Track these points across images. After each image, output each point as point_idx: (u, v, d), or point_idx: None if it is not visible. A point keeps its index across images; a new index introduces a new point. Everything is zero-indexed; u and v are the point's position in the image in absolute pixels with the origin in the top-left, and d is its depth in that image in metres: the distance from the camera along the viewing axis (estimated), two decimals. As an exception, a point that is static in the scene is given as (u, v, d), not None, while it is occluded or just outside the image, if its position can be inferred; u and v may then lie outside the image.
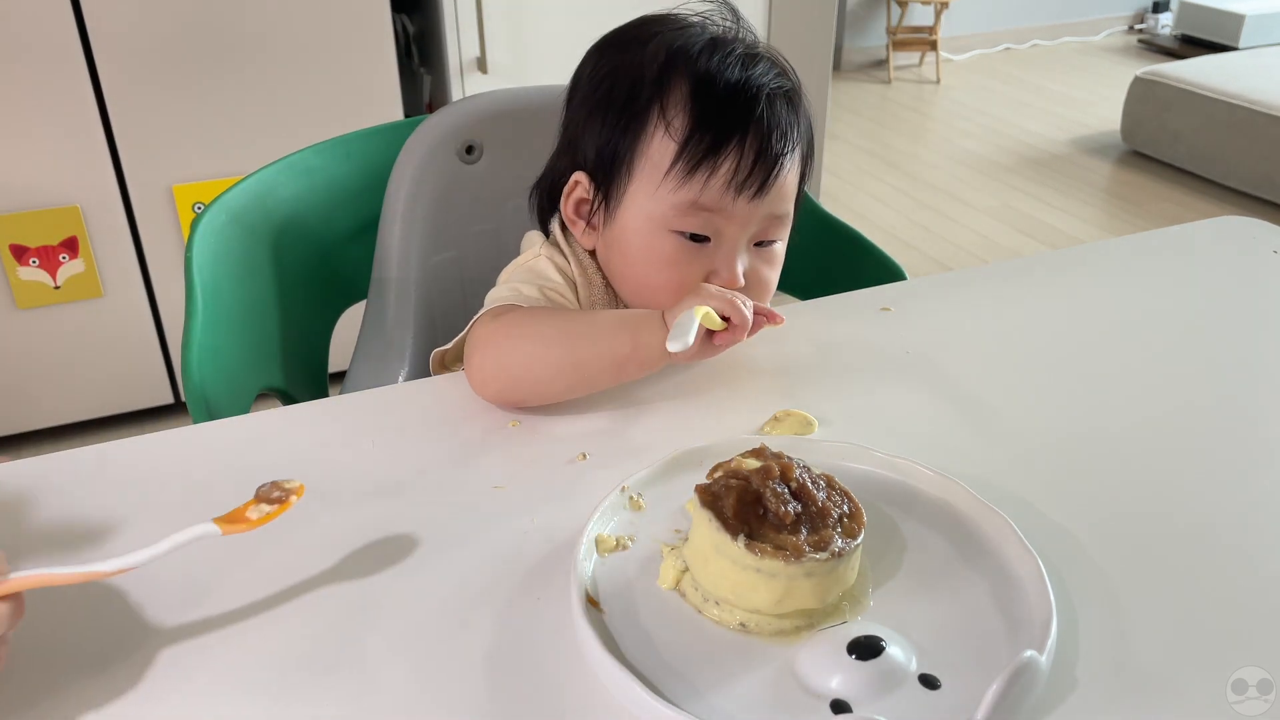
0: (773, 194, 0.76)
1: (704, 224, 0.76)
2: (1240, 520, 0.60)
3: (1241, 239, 0.96)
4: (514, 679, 0.49)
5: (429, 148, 1.02)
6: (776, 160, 0.75)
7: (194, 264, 0.89)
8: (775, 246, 0.80)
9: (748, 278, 0.78)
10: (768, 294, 0.80)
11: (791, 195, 0.79)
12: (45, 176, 1.71)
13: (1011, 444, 0.67)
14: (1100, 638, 0.51)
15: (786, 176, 0.77)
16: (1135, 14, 5.04)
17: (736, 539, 0.50)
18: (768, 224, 0.78)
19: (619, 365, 0.70)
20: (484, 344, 0.73)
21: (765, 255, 0.79)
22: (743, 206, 0.75)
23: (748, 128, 0.74)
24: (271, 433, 0.69)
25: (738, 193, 0.75)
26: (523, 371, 0.71)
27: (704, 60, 0.76)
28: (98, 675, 0.49)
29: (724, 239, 0.77)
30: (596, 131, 0.79)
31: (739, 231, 0.76)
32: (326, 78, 1.81)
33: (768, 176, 0.75)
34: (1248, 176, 3.09)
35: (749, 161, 0.74)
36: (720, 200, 0.75)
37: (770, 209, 0.77)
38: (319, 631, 0.52)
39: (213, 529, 0.50)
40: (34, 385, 1.86)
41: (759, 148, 0.75)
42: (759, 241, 0.79)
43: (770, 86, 0.76)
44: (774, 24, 2.22)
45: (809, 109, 0.81)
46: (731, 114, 0.75)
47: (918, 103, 4.06)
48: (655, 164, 0.76)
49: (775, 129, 0.75)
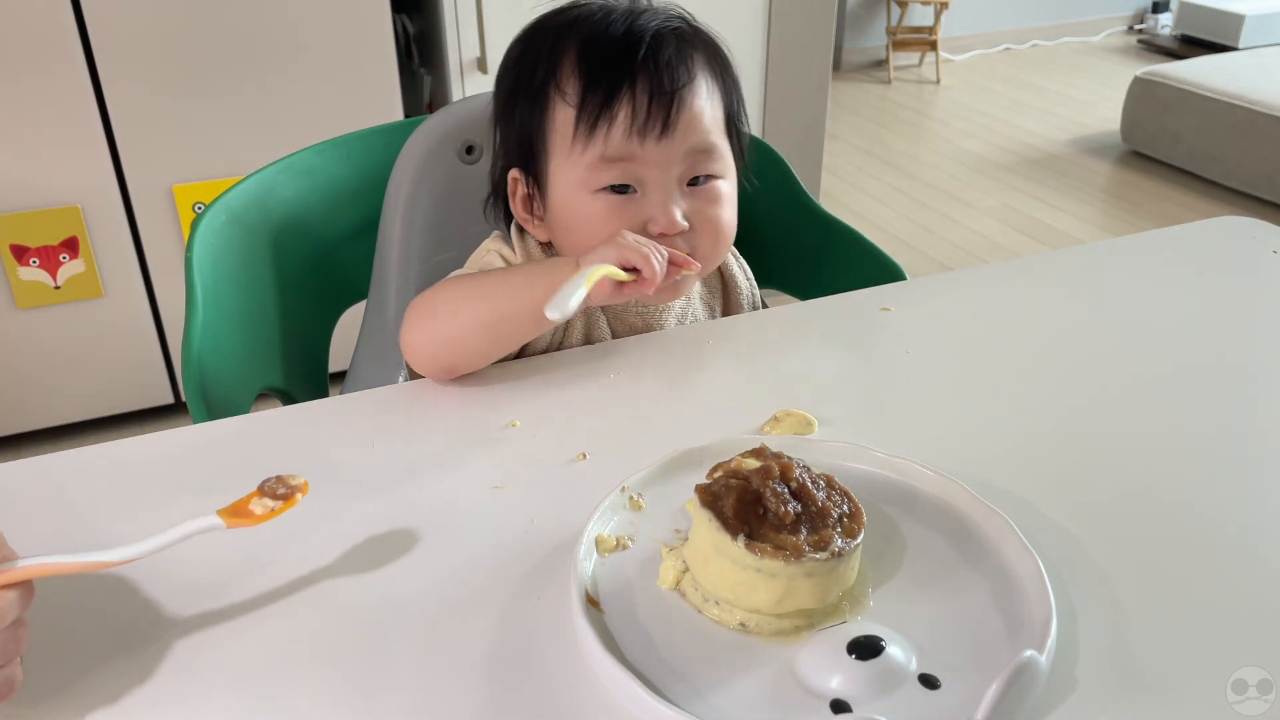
0: (682, 129, 0.76)
1: (621, 174, 0.77)
2: (1240, 520, 0.60)
3: (1241, 239, 0.96)
4: (514, 679, 0.49)
5: (429, 148, 1.02)
6: (672, 95, 0.76)
7: (194, 264, 0.89)
8: (715, 184, 0.80)
9: (692, 220, 0.78)
10: (719, 233, 0.80)
11: (713, 129, 0.79)
12: (45, 176, 1.71)
13: (1012, 444, 0.67)
14: (1100, 638, 0.51)
15: (694, 109, 0.77)
16: (1135, 14, 5.04)
17: (736, 539, 0.50)
18: (692, 161, 0.78)
19: (538, 311, 0.69)
20: (412, 315, 0.75)
21: (704, 194, 0.79)
22: (653, 149, 0.76)
23: (636, 72, 0.76)
24: (271, 432, 0.69)
25: (642, 136, 0.76)
26: (448, 331, 0.73)
27: (588, 26, 0.78)
28: (106, 667, 0.49)
29: (648, 185, 0.77)
30: (512, 123, 0.82)
31: (661, 174, 0.77)
32: (327, 78, 1.81)
33: (668, 113, 0.76)
34: (1248, 176, 3.09)
35: (644, 103, 0.75)
36: (627, 147, 0.76)
37: (686, 145, 0.77)
38: (320, 630, 0.52)
39: (217, 521, 0.50)
40: (34, 385, 1.86)
41: (651, 88, 0.75)
42: (692, 181, 0.79)
43: (654, 29, 0.77)
44: (774, 24, 2.22)
45: (724, 48, 0.82)
46: (618, 63, 0.76)
47: (917, 103, 4.06)
48: (562, 134, 0.78)
49: (666, 67, 0.76)
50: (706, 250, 0.80)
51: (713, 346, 0.79)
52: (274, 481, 0.52)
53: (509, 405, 0.70)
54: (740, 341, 0.80)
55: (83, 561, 0.48)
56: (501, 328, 0.73)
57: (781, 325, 0.83)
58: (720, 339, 0.80)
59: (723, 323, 0.86)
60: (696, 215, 0.78)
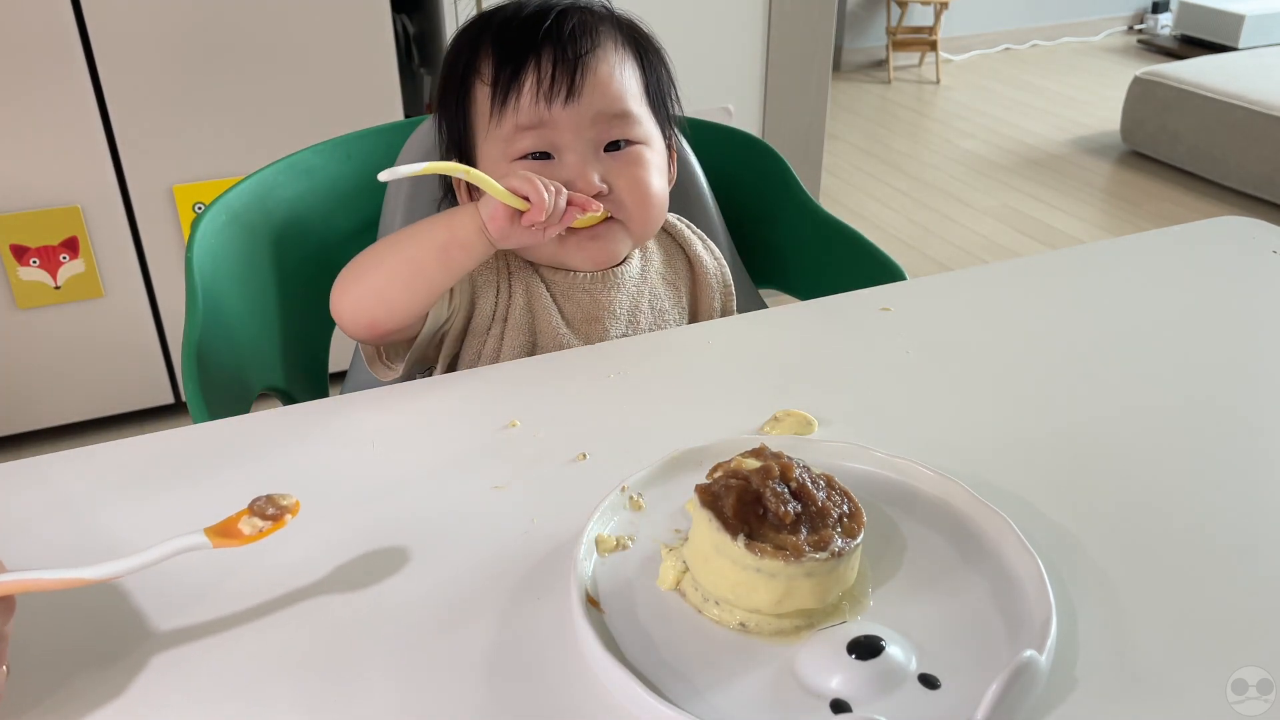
0: (589, 93, 0.80)
1: (536, 141, 0.81)
2: (1240, 520, 0.60)
3: (1241, 239, 0.96)
4: (514, 679, 0.49)
5: (429, 148, 1.02)
6: (577, 60, 0.80)
7: (194, 264, 0.89)
8: (634, 150, 0.83)
9: (612, 182, 0.82)
10: (645, 196, 0.83)
11: (625, 95, 0.82)
12: (45, 176, 1.71)
13: (1012, 444, 0.67)
14: (1100, 638, 0.51)
15: (602, 75, 0.81)
16: (1135, 14, 5.04)
17: (736, 539, 0.50)
18: (605, 126, 0.81)
19: (442, 250, 0.75)
20: (337, 281, 0.78)
21: (625, 158, 0.82)
22: (561, 113, 0.80)
23: (540, 43, 0.80)
24: (271, 433, 0.69)
25: (549, 100, 0.80)
26: (365, 286, 0.77)
27: (502, 16, 0.84)
28: (98, 676, 0.49)
29: (563, 150, 0.81)
30: (446, 123, 0.88)
31: (573, 138, 0.81)
32: (327, 78, 1.81)
33: (573, 76, 0.80)
34: (1248, 176, 3.09)
35: (549, 69, 0.80)
36: (537, 113, 0.80)
37: (595, 108, 0.80)
38: (319, 630, 0.52)
39: (203, 541, 0.49)
40: (34, 385, 1.86)
41: (555, 55, 0.80)
42: (612, 147, 0.82)
43: (561, 7, 0.82)
44: (774, 24, 2.22)
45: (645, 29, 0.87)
46: (525, 38, 0.81)
47: (917, 103, 4.06)
48: (482, 112, 0.83)
49: (570, 37, 0.80)
50: (633, 211, 0.83)
51: (713, 346, 0.79)
52: (264, 501, 0.51)
53: (509, 405, 0.70)
54: (740, 341, 0.80)
55: (64, 578, 0.47)
56: (410, 274, 0.76)
57: (781, 325, 0.83)
58: (720, 339, 0.80)
59: (722, 323, 0.86)
60: (617, 177, 0.82)
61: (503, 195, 0.73)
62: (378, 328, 0.78)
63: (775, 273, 1.14)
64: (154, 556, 0.48)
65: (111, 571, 0.48)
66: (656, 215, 0.85)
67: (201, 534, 0.49)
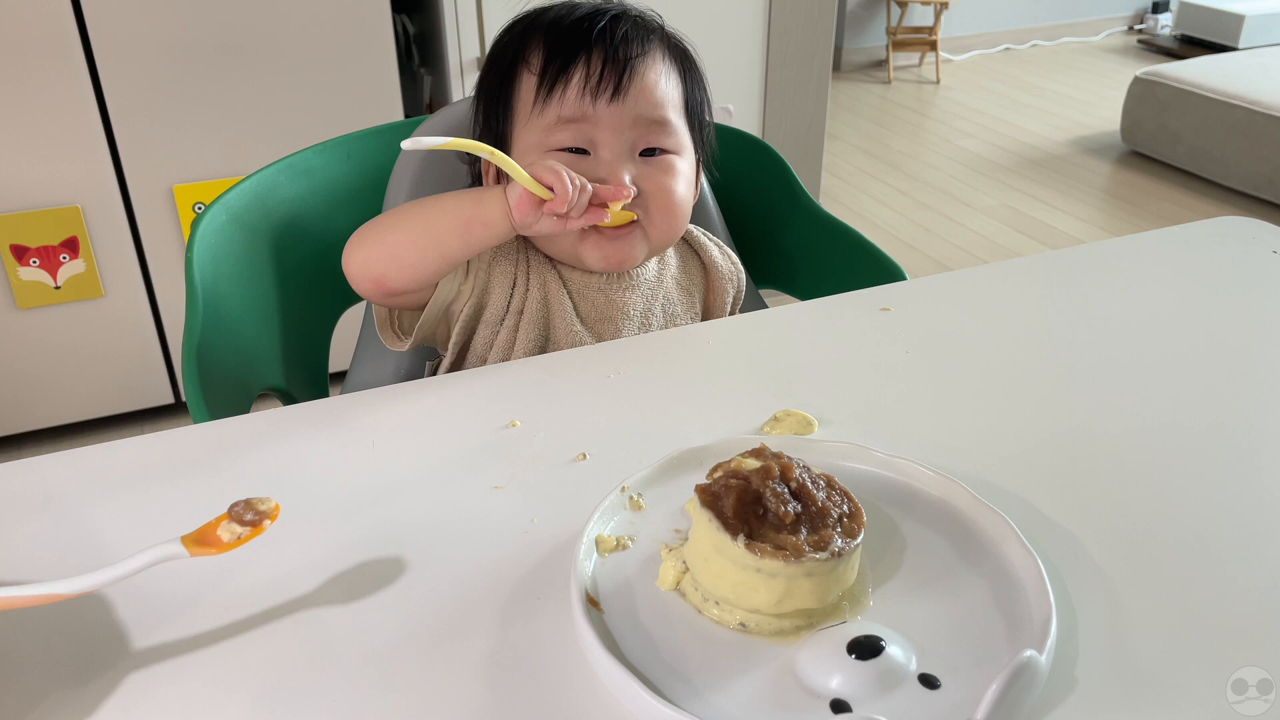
0: (634, 96, 0.82)
1: (575, 136, 0.82)
2: (1240, 520, 0.60)
3: (1241, 239, 0.96)
4: (514, 678, 0.49)
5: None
6: (626, 63, 0.82)
7: (194, 264, 0.89)
8: (668, 158, 0.84)
9: (642, 186, 0.83)
10: (671, 205, 0.84)
11: (666, 104, 0.84)
12: (45, 176, 1.71)
13: (1012, 444, 0.67)
14: (1100, 638, 0.51)
15: (648, 80, 0.83)
16: (1135, 14, 5.04)
17: (736, 539, 0.50)
18: (643, 130, 0.83)
19: (465, 223, 0.77)
20: (356, 233, 0.80)
21: (657, 164, 0.84)
22: (605, 111, 0.81)
23: (594, 42, 0.82)
24: (271, 433, 0.69)
25: (594, 97, 0.81)
26: (381, 240, 0.78)
27: (555, 13, 0.85)
28: (88, 683, 0.49)
29: (600, 148, 0.82)
30: (485, 109, 0.88)
31: (612, 138, 0.82)
32: (327, 78, 1.81)
33: (620, 77, 0.81)
34: (1248, 176, 3.09)
35: (598, 67, 0.81)
36: (580, 108, 0.81)
37: (637, 111, 0.82)
38: (318, 630, 0.52)
39: (180, 550, 0.48)
40: (34, 385, 1.86)
41: (606, 54, 0.81)
42: (647, 152, 0.84)
43: (615, 11, 0.84)
44: (774, 24, 2.22)
45: (691, 49, 0.89)
46: (578, 35, 0.83)
47: (917, 103, 4.06)
48: (525, 101, 0.84)
49: (622, 40, 0.82)
50: (656, 218, 0.84)
51: (713, 346, 0.79)
52: (242, 506, 0.49)
53: (509, 405, 0.70)
54: (740, 341, 0.80)
55: (38, 594, 0.46)
56: (428, 239, 0.78)
57: (781, 325, 0.83)
58: (720, 339, 0.80)
59: (722, 323, 0.86)
60: (647, 181, 0.83)
61: (527, 181, 0.74)
62: (384, 284, 0.79)
63: (775, 273, 1.14)
64: (130, 568, 0.47)
65: (87, 585, 0.47)
66: (678, 225, 0.86)
67: (178, 543, 0.48)
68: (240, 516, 0.49)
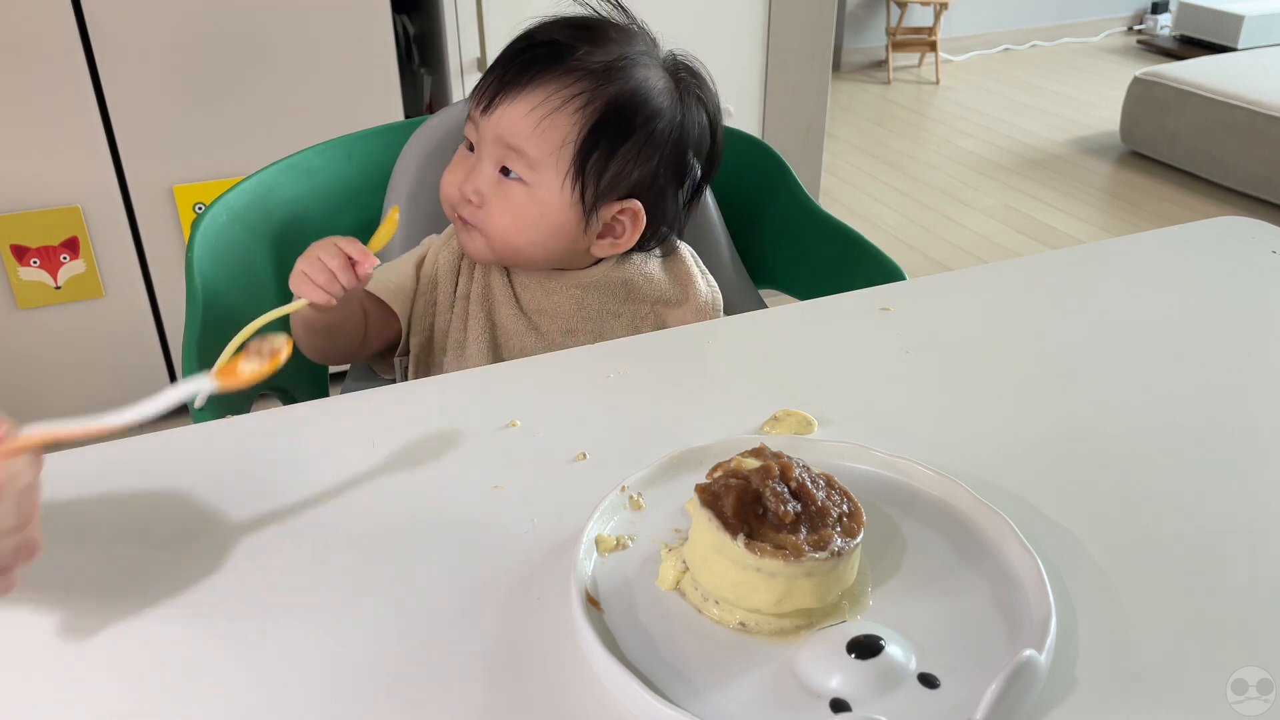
0: (500, 114, 0.86)
1: (469, 131, 0.89)
2: (1240, 520, 0.60)
3: (1241, 239, 0.96)
4: (514, 678, 0.49)
5: (429, 148, 1.02)
6: (511, 84, 0.85)
7: (195, 264, 0.89)
8: (514, 185, 0.87)
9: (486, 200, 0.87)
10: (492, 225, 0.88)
11: (532, 136, 0.85)
12: (46, 176, 1.71)
13: (1012, 444, 0.67)
14: (1100, 638, 0.51)
15: (519, 105, 0.85)
16: (1134, 15, 5.04)
17: (736, 539, 0.50)
18: (502, 151, 0.87)
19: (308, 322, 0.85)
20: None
21: (504, 189, 0.87)
22: (481, 120, 0.87)
23: (504, 60, 0.87)
24: (271, 433, 0.69)
25: (477, 104, 0.87)
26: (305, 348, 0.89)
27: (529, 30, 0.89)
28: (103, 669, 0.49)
29: (479, 152, 0.88)
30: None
31: (484, 146, 0.88)
32: (327, 78, 1.81)
33: (496, 94, 0.86)
34: (1247, 177, 3.09)
35: (493, 79, 0.87)
36: (473, 109, 0.88)
37: (497, 129, 0.86)
38: (317, 630, 0.52)
39: (208, 384, 0.56)
40: (34, 385, 1.86)
41: (503, 73, 0.86)
42: (503, 170, 0.87)
43: (546, 40, 0.87)
44: (774, 24, 2.22)
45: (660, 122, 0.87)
46: (509, 46, 0.88)
47: (917, 103, 4.06)
48: None
49: (522, 65, 0.86)
50: (483, 230, 0.89)
51: (713, 346, 0.79)
52: (258, 342, 0.58)
53: (509, 405, 0.70)
54: (740, 341, 0.80)
55: (85, 428, 0.51)
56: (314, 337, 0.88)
57: (781, 325, 0.83)
58: (720, 339, 0.80)
59: (722, 323, 0.86)
60: (489, 195, 0.88)
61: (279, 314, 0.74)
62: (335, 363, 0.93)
63: (775, 273, 1.15)
64: (166, 401, 0.53)
65: (129, 418, 0.51)
66: (512, 252, 0.89)
67: (209, 378, 0.57)
68: (258, 350, 0.58)
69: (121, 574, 0.55)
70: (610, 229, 0.90)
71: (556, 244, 0.89)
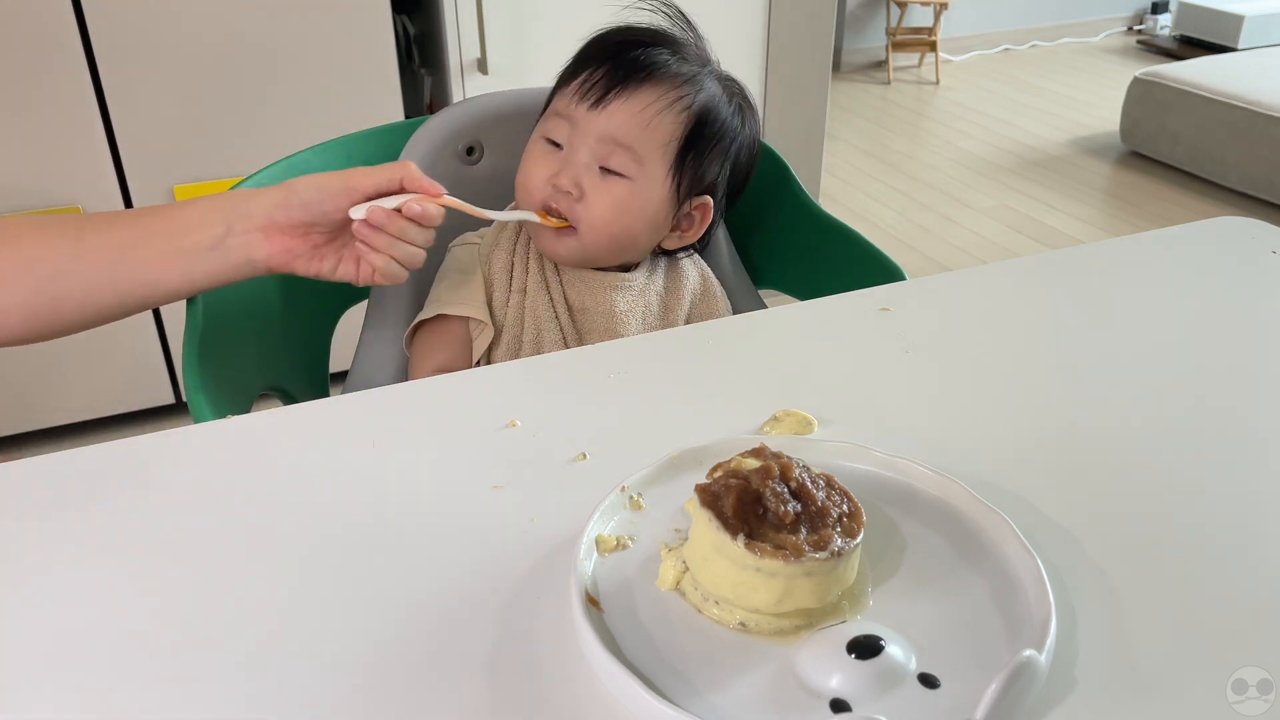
0: (611, 111, 0.87)
1: (556, 129, 0.90)
2: (1240, 520, 0.60)
3: (1241, 239, 0.96)
4: (514, 678, 0.49)
5: (430, 149, 1.02)
6: (622, 79, 0.87)
7: (194, 264, 0.89)
8: (620, 181, 0.89)
9: (587, 196, 0.88)
10: (599, 222, 0.89)
11: (639, 133, 0.88)
12: (45, 176, 1.71)
13: (1011, 443, 0.67)
14: (1100, 638, 0.51)
15: (631, 103, 0.87)
16: (1134, 15, 5.04)
17: (736, 539, 0.50)
18: (608, 147, 0.88)
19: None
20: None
21: (606, 183, 0.89)
22: (583, 114, 0.88)
23: (608, 56, 0.88)
24: (271, 432, 0.69)
25: (580, 99, 0.88)
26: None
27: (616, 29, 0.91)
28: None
29: (570, 149, 0.89)
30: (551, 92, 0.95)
31: (580, 141, 0.88)
32: (327, 79, 1.81)
33: (608, 89, 0.87)
34: (1247, 177, 3.09)
35: (597, 75, 0.87)
36: (569, 107, 0.88)
37: (607, 126, 0.87)
38: (317, 630, 0.52)
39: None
40: (34, 385, 1.86)
41: (609, 68, 0.87)
42: (604, 167, 0.88)
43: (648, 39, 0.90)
44: (774, 24, 2.22)
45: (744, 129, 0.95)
46: (605, 48, 0.90)
47: (917, 104, 4.06)
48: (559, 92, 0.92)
49: (632, 62, 0.88)
50: (583, 228, 0.89)
51: (713, 346, 0.79)
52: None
53: (509, 405, 0.70)
54: (740, 341, 0.80)
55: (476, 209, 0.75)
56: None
57: (781, 325, 0.83)
58: (720, 339, 0.80)
59: (722, 323, 0.86)
60: (591, 194, 0.88)
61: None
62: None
63: (775, 273, 1.14)
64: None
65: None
66: (607, 243, 0.91)
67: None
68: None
69: (121, 574, 0.55)
70: (678, 224, 0.95)
71: (648, 236, 0.93)
